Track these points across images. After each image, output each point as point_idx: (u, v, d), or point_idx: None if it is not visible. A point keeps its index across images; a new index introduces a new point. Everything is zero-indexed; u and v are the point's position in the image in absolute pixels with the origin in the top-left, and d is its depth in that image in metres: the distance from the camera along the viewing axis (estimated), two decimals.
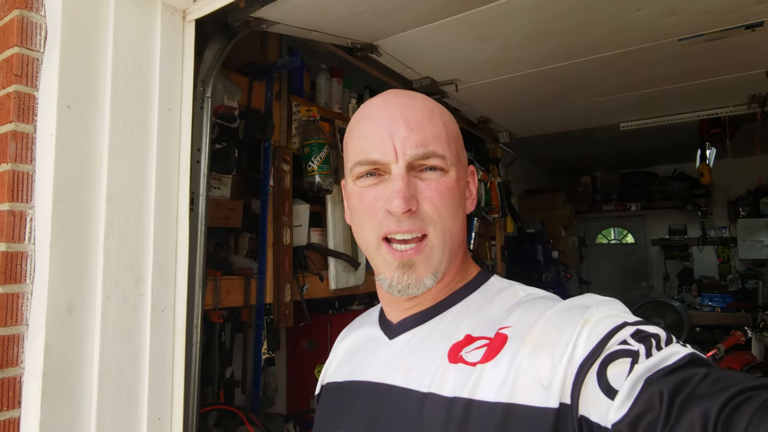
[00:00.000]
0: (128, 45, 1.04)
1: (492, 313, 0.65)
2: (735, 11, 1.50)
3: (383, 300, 0.75)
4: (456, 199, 0.66)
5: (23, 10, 0.96)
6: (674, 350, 0.50)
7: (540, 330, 0.58)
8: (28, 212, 0.95)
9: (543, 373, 0.54)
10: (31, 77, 0.96)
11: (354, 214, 0.70)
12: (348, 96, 2.25)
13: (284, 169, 1.80)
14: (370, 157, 0.64)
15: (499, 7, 1.46)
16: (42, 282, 0.92)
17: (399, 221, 0.62)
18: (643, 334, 0.52)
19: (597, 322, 0.55)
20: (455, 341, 0.63)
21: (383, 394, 0.66)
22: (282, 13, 1.29)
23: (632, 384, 0.48)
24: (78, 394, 0.95)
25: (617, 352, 0.51)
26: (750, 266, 5.19)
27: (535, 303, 0.63)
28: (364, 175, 0.66)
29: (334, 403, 0.75)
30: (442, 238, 0.64)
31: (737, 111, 2.40)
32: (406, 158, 0.62)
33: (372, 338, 0.76)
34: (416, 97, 0.68)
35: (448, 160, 0.65)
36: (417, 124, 0.64)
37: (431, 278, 0.64)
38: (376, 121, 0.66)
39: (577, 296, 0.62)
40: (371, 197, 0.65)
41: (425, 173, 0.64)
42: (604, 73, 2.07)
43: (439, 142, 0.65)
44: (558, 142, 4.21)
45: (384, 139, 0.63)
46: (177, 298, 1.12)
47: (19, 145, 0.94)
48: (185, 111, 1.15)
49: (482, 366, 0.58)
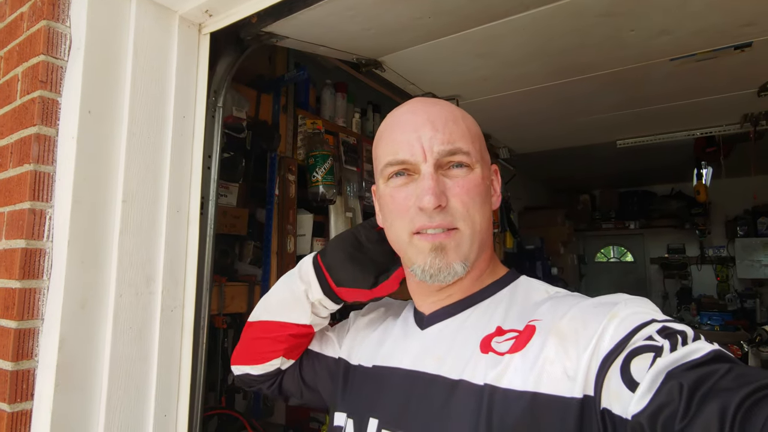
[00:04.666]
0: (147, 55, 1.10)
1: (522, 308, 0.67)
2: (723, 32, 1.56)
3: (414, 293, 0.77)
4: (482, 195, 0.69)
5: (50, 21, 1.02)
6: (699, 346, 0.50)
7: (567, 323, 0.59)
8: (47, 211, 0.99)
9: (568, 364, 0.55)
10: (55, 83, 1.02)
11: (386, 213, 0.72)
12: (352, 110, 2.32)
13: (289, 179, 1.85)
14: (399, 156, 0.68)
15: (497, 27, 1.52)
16: (58, 278, 0.96)
17: (430, 217, 0.65)
18: (670, 331, 0.52)
19: (625, 317, 0.56)
20: (487, 333, 0.66)
21: (414, 381, 0.68)
22: (292, 28, 1.36)
23: (654, 377, 0.48)
24: (89, 388, 0.98)
25: (642, 347, 0.51)
26: (749, 286, 5.20)
27: (564, 299, 0.65)
28: (395, 175, 0.69)
29: (362, 387, 0.76)
30: (472, 230, 0.67)
31: (730, 130, 2.46)
32: (434, 155, 0.66)
33: (403, 327, 0.78)
34: (439, 103, 0.73)
35: (473, 157, 0.68)
36: (442, 124, 0.68)
37: (461, 265, 0.66)
38: (404, 125, 0.69)
39: (606, 294, 0.63)
40: (402, 196, 0.68)
41: (452, 171, 0.68)
42: (600, 91, 2.13)
43: (464, 139, 0.68)
44: (557, 160, 4.27)
45: (411, 139, 0.67)
46: (186, 299, 1.15)
47: (42, 147, 0.99)
48: (198, 119, 1.20)
49: (511, 356, 0.60)
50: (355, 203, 2.19)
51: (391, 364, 0.73)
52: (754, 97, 2.11)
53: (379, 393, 0.72)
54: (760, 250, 5.06)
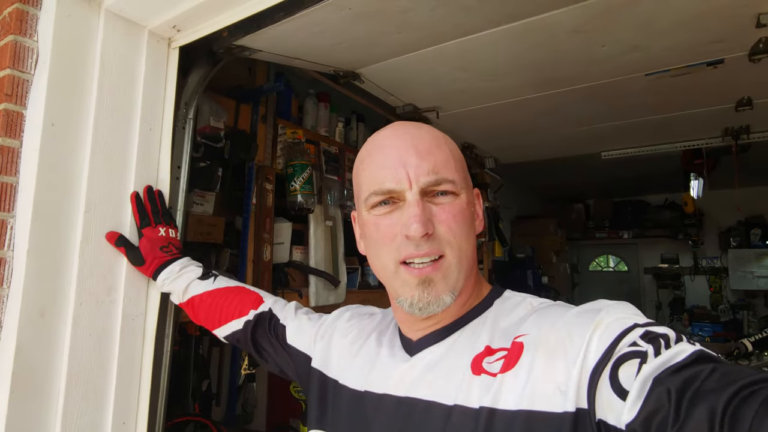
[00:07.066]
0: (114, 69, 1.13)
1: (508, 324, 0.68)
2: (693, 50, 1.58)
3: (401, 321, 0.77)
4: (468, 221, 0.69)
5: (17, 36, 1.04)
6: (682, 348, 0.51)
7: (554, 336, 0.60)
8: (9, 221, 1.01)
9: (559, 379, 0.56)
10: (21, 97, 1.04)
11: (370, 242, 0.72)
12: (335, 120, 2.34)
13: (267, 188, 1.87)
14: (384, 186, 0.67)
15: (470, 42, 1.55)
16: (17, 287, 0.98)
17: (417, 245, 0.65)
18: (652, 335, 0.53)
19: (607, 325, 0.56)
20: (476, 353, 0.66)
21: (410, 409, 0.68)
22: (264, 42, 1.38)
23: (641, 384, 0.49)
24: (46, 395, 0.99)
25: (627, 354, 0.52)
26: (741, 297, 5.20)
27: (548, 310, 0.66)
28: (379, 204, 0.69)
29: (352, 412, 0.76)
30: (459, 257, 0.67)
31: (713, 143, 2.47)
32: (420, 185, 0.66)
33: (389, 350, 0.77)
34: (422, 127, 0.73)
35: (458, 184, 0.69)
36: (426, 151, 0.68)
37: (449, 295, 0.67)
38: (387, 151, 0.69)
39: (589, 302, 0.64)
40: (387, 224, 0.68)
41: (438, 198, 0.68)
42: (580, 103, 2.15)
43: (448, 168, 0.69)
44: (548, 169, 4.29)
45: (396, 168, 0.67)
46: (149, 307, 1.17)
47: (5, 158, 1.02)
48: (166, 131, 1.22)
49: (502, 375, 0.61)
50: (336, 212, 2.21)
51: (383, 391, 0.73)
52: (732, 111, 2.13)
53: (373, 421, 0.72)
54: (753, 262, 5.06)
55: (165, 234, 1.14)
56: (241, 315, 1.02)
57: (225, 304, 1.06)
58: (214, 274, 1.13)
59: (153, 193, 1.17)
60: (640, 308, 0.61)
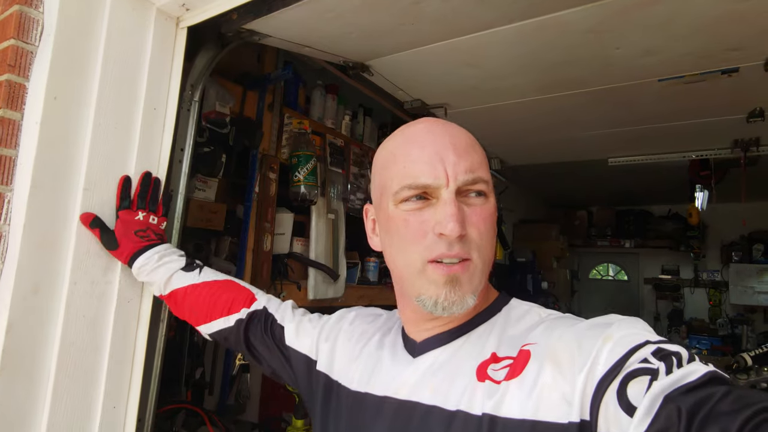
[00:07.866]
0: (120, 45, 1.10)
1: (516, 332, 0.67)
2: (709, 56, 1.56)
3: (408, 321, 0.76)
4: (494, 226, 0.68)
5: (23, 6, 1.02)
6: (694, 368, 0.49)
7: (562, 347, 0.59)
8: (6, 194, 0.99)
9: (565, 389, 0.55)
10: (24, 68, 1.02)
11: (396, 239, 0.69)
12: (342, 112, 2.32)
13: (270, 177, 1.85)
14: (420, 181, 0.65)
15: (483, 38, 1.52)
16: (12, 262, 0.95)
17: (450, 245, 0.63)
18: (665, 353, 0.52)
19: (618, 339, 0.55)
20: (482, 360, 0.65)
21: (410, 412, 0.67)
22: (273, 27, 1.36)
23: (651, 401, 0.47)
24: (36, 374, 0.97)
25: (638, 370, 0.51)
26: (740, 312, 5.17)
27: (557, 321, 0.65)
28: (410, 198, 0.67)
29: (353, 413, 0.75)
30: (483, 261, 0.66)
31: (722, 154, 2.45)
32: (457, 183, 0.64)
33: (392, 352, 0.76)
34: (456, 126, 0.72)
35: (490, 186, 0.68)
36: (464, 150, 0.67)
37: (472, 297, 0.65)
38: (424, 145, 0.67)
39: (599, 316, 0.63)
40: (419, 221, 0.65)
41: (470, 198, 0.66)
42: (591, 107, 2.13)
43: (483, 168, 0.68)
44: (553, 175, 4.26)
45: (434, 163, 0.65)
46: (144, 291, 1.15)
47: (6, 130, 0.99)
48: (170, 112, 1.20)
49: (507, 383, 0.60)
50: (339, 205, 2.19)
51: (385, 393, 0.71)
52: (743, 122, 2.10)
53: (372, 424, 0.71)
54: (754, 277, 5.03)
55: (143, 219, 1.08)
56: (231, 312, 0.98)
57: (213, 299, 1.00)
58: (199, 265, 1.08)
59: (149, 179, 1.12)
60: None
